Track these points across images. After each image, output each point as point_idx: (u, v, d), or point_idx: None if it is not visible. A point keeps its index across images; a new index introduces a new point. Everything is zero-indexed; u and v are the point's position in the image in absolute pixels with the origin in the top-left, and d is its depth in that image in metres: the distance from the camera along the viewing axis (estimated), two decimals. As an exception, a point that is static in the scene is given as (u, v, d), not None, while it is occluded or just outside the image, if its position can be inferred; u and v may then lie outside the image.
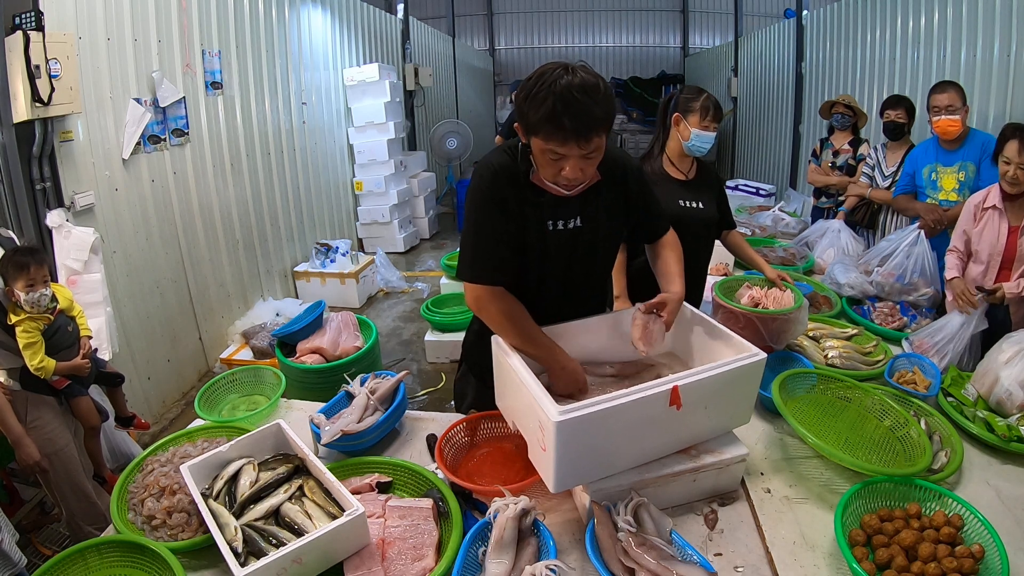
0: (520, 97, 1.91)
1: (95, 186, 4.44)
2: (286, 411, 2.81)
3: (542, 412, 1.74)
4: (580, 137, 1.84)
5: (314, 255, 7.76)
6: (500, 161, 2.13)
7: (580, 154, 1.89)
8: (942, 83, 3.89)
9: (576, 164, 1.91)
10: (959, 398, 2.60)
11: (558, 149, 1.88)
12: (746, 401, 2.12)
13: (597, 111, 1.83)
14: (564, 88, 1.80)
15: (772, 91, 11.15)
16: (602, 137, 1.90)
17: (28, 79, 3.64)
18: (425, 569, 1.79)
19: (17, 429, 3.00)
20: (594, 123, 1.84)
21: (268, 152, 7.02)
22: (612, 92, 1.92)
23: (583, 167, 1.94)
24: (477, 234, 2.16)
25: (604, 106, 1.85)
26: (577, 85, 1.80)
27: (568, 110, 1.80)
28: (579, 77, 1.82)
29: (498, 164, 2.13)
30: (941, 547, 1.75)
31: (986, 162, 3.75)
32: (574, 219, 2.19)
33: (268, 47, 6.97)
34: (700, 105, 3.14)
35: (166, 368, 5.29)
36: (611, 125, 1.93)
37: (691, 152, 3.21)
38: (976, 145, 3.83)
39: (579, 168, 1.93)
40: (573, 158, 1.90)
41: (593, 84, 1.83)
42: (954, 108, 3.75)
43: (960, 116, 3.77)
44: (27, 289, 3.03)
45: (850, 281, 3.83)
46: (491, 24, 19.85)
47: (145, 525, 2.01)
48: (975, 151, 3.82)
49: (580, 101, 1.80)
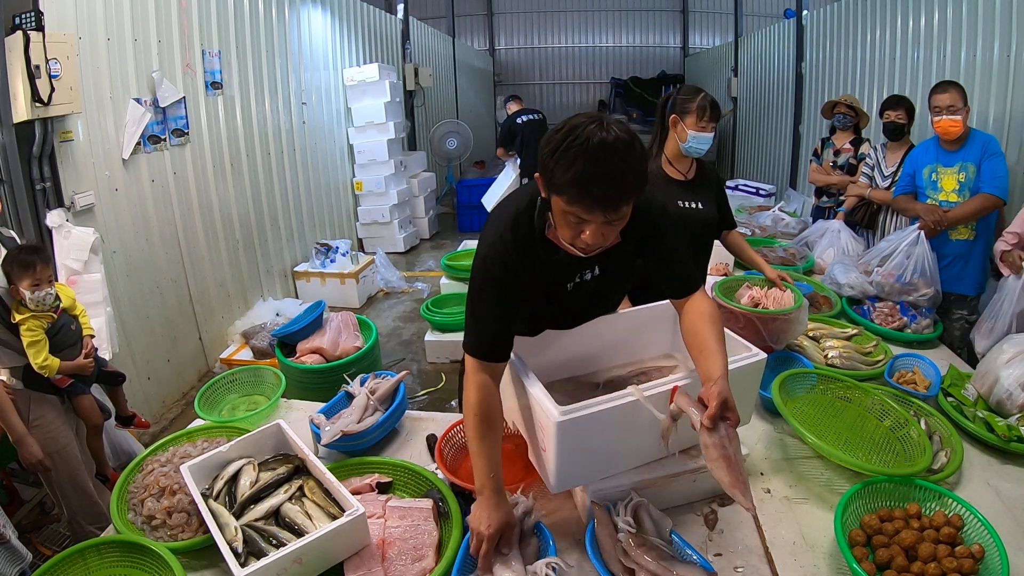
0: (546, 151, 1.71)
1: (95, 186, 4.44)
2: (286, 411, 2.82)
3: (542, 412, 1.74)
4: (608, 206, 1.67)
5: (314, 255, 7.76)
6: (517, 234, 1.95)
7: (606, 221, 1.71)
8: (943, 83, 3.87)
9: (598, 230, 1.73)
10: (959, 398, 2.60)
11: (582, 215, 1.70)
12: (746, 401, 2.11)
13: (631, 176, 1.67)
14: (596, 148, 1.62)
15: (772, 91, 11.14)
16: (631, 204, 1.73)
17: (28, 79, 3.63)
18: (425, 569, 1.79)
19: (20, 428, 2.99)
20: (626, 190, 1.68)
21: (268, 152, 7.02)
22: (645, 150, 1.73)
23: (605, 232, 1.75)
24: (482, 305, 1.99)
25: (637, 171, 1.69)
26: (610, 145, 1.63)
27: (598, 176, 1.63)
28: (613, 135, 1.64)
29: (515, 238, 1.94)
30: (941, 547, 1.75)
31: (986, 162, 3.74)
32: (591, 270, 2.09)
33: (268, 47, 6.97)
34: (696, 106, 3.10)
35: (166, 368, 5.28)
36: (644, 187, 1.73)
37: (689, 153, 3.19)
38: (976, 145, 3.81)
39: (601, 233, 1.74)
40: (596, 224, 1.72)
41: (627, 143, 1.65)
42: (956, 108, 3.73)
43: (962, 116, 3.75)
44: (32, 288, 3.03)
45: (850, 281, 3.83)
46: (491, 24, 19.84)
47: (145, 525, 2.01)
48: (975, 151, 3.80)
49: (612, 166, 1.63)
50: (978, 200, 3.76)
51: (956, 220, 3.83)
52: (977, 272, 3.96)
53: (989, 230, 3.94)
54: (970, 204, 3.79)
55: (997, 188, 3.70)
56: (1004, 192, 3.72)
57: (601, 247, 1.82)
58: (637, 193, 1.70)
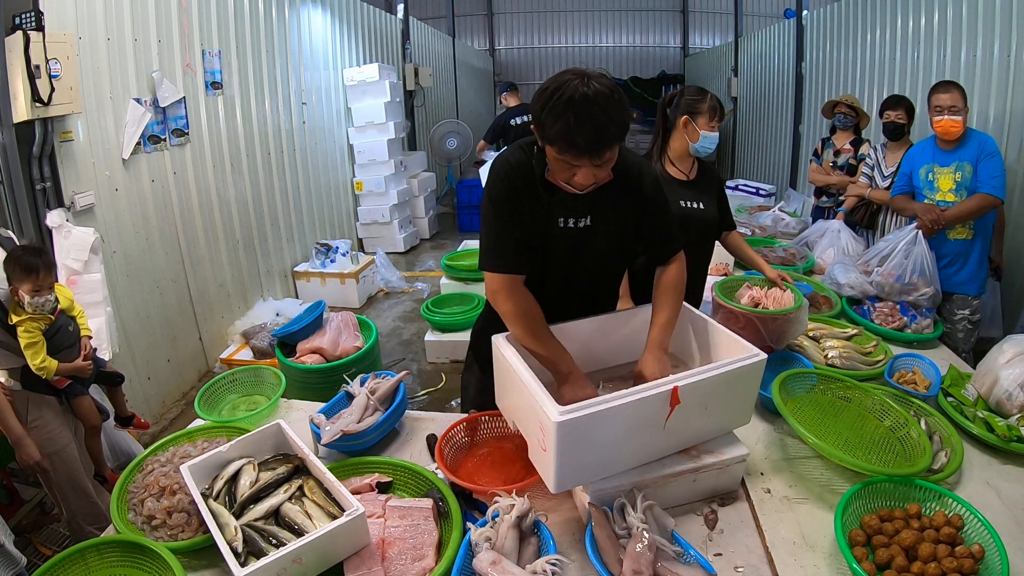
0: (538, 106, 1.93)
1: (95, 186, 4.44)
2: (286, 411, 2.82)
3: (542, 412, 1.74)
4: (593, 153, 1.89)
5: (314, 255, 7.76)
6: (516, 159, 2.18)
7: (596, 164, 1.94)
8: (945, 83, 3.86)
9: (588, 172, 1.97)
10: (959, 398, 2.60)
11: (572, 161, 1.94)
12: (746, 401, 2.12)
13: (611, 127, 1.87)
14: (580, 102, 1.83)
15: (772, 91, 11.15)
16: (615, 149, 1.95)
17: (28, 79, 3.63)
18: (425, 569, 1.79)
19: (18, 429, 2.99)
20: (607, 139, 1.89)
21: (268, 152, 7.02)
22: (626, 99, 1.93)
23: (595, 174, 1.99)
24: (496, 223, 2.19)
25: (618, 119, 1.89)
26: (592, 98, 1.83)
27: (582, 127, 1.85)
28: (594, 88, 1.85)
29: (514, 161, 2.18)
30: (941, 547, 1.75)
31: (983, 162, 3.74)
32: (584, 218, 2.23)
33: (268, 47, 6.97)
34: (708, 106, 3.15)
35: (166, 368, 5.28)
36: (625, 134, 1.95)
37: (698, 153, 3.22)
38: (974, 145, 3.80)
39: (591, 176, 1.99)
40: (585, 167, 1.95)
41: (607, 96, 1.86)
42: (957, 109, 3.72)
43: (962, 117, 3.75)
44: (33, 293, 3.02)
45: (850, 281, 3.83)
46: (491, 24, 19.87)
47: (145, 525, 2.01)
48: (972, 151, 3.80)
49: (594, 117, 1.84)
50: (976, 200, 3.76)
51: (953, 219, 3.83)
52: (975, 272, 3.95)
53: (987, 229, 3.94)
54: (967, 203, 3.79)
55: (994, 187, 3.70)
56: (1001, 191, 3.72)
57: (596, 184, 2.05)
58: (618, 140, 1.93)
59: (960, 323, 3.94)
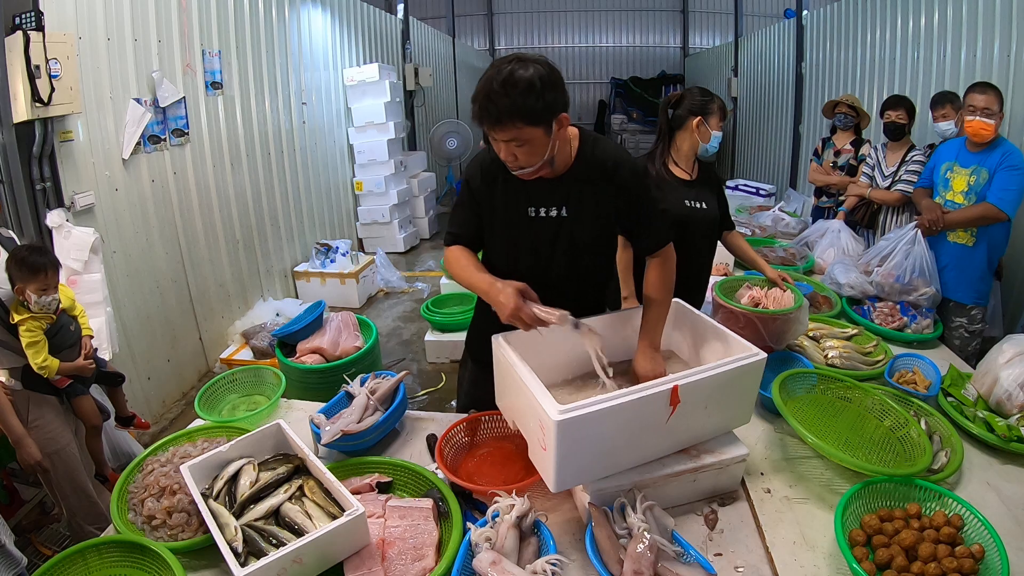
0: None
1: (95, 186, 4.44)
2: (286, 411, 2.82)
3: (542, 411, 1.74)
4: (486, 122, 1.97)
5: (314, 255, 7.76)
6: (488, 155, 2.27)
7: (500, 138, 2.01)
8: (982, 84, 3.79)
9: (504, 148, 2.04)
10: (959, 398, 2.60)
11: (485, 129, 2.03)
12: (746, 401, 2.12)
13: (503, 103, 1.91)
14: (488, 79, 1.94)
15: (772, 91, 11.15)
16: (520, 128, 1.96)
17: (28, 79, 3.63)
18: (425, 569, 1.79)
19: (18, 429, 2.99)
20: (499, 114, 1.93)
21: (268, 152, 7.02)
22: (541, 87, 1.95)
23: (513, 152, 2.04)
24: (452, 209, 2.48)
25: (521, 98, 1.91)
26: (502, 77, 1.91)
27: (480, 98, 1.95)
28: (507, 71, 1.92)
29: (487, 156, 2.29)
30: (941, 547, 1.75)
31: (1000, 172, 3.65)
32: (558, 208, 2.27)
33: (268, 47, 6.97)
34: (717, 107, 3.21)
35: (166, 368, 5.28)
36: (535, 119, 1.96)
37: (707, 152, 3.26)
38: (998, 153, 3.71)
39: (508, 152, 2.05)
40: (501, 143, 2.03)
41: (518, 78, 1.91)
42: (991, 112, 3.64)
43: (995, 121, 3.67)
44: (40, 292, 3.02)
45: (850, 281, 3.83)
46: (491, 24, 19.88)
47: (145, 525, 2.01)
48: (995, 159, 3.70)
49: (494, 92, 1.91)
50: (979, 208, 3.70)
51: (953, 223, 3.80)
52: (974, 281, 3.88)
53: (993, 241, 3.84)
54: (970, 210, 3.75)
55: (1001, 200, 3.62)
56: (1009, 206, 3.62)
57: (525, 167, 2.08)
58: (518, 116, 1.93)
59: (957, 330, 3.90)
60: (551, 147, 2.06)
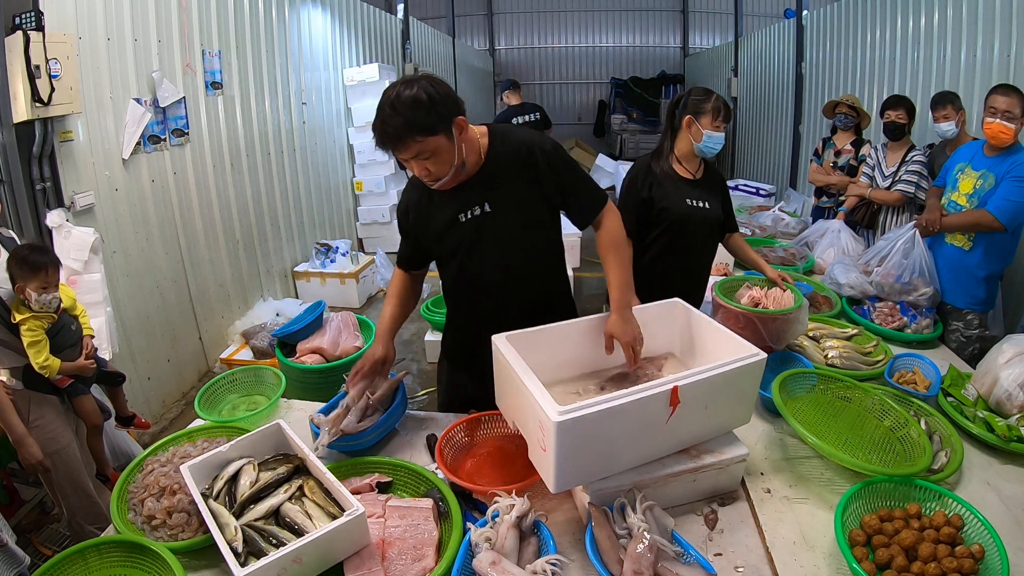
0: None
1: (95, 186, 4.44)
2: (286, 411, 2.82)
3: (542, 412, 1.74)
4: (389, 145, 2.06)
5: (314, 255, 7.76)
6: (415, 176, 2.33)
7: (407, 157, 2.10)
8: (1006, 86, 3.68)
9: (416, 166, 2.15)
10: (959, 398, 2.60)
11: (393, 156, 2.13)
12: (746, 401, 2.12)
13: (398, 122, 2.00)
14: (380, 107, 2.05)
15: (772, 91, 11.16)
16: (423, 141, 2.05)
17: (28, 79, 3.64)
18: (425, 569, 1.79)
19: (19, 428, 2.99)
20: (396, 132, 2.02)
21: (268, 152, 7.02)
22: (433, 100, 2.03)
23: (424, 166, 2.14)
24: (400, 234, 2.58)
25: (411, 115, 2.00)
26: (390, 102, 2.02)
27: (377, 125, 2.05)
28: (394, 94, 2.03)
29: (412, 177, 2.38)
30: (941, 547, 1.75)
31: (1006, 181, 3.56)
32: (481, 205, 2.34)
33: (268, 47, 6.97)
34: (711, 107, 3.19)
35: (166, 368, 5.29)
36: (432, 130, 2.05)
37: (702, 153, 3.25)
38: (1010, 161, 3.62)
39: (419, 168, 2.15)
40: (411, 161, 2.12)
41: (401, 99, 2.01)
42: (1012, 116, 3.54)
43: (1016, 126, 3.56)
44: (41, 291, 3.03)
45: (850, 281, 3.83)
46: (491, 24, 19.89)
47: (145, 525, 2.01)
48: (1005, 166, 3.61)
49: (387, 115, 2.02)
50: (976, 214, 3.65)
51: (949, 227, 3.78)
52: (969, 286, 3.81)
53: (994, 251, 3.74)
54: (967, 215, 3.71)
55: (999, 209, 3.54)
56: (1006, 216, 3.53)
57: (436, 178, 2.19)
58: (409, 132, 2.02)
59: (953, 333, 3.83)
60: (458, 152, 2.14)
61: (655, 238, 3.22)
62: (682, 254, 3.25)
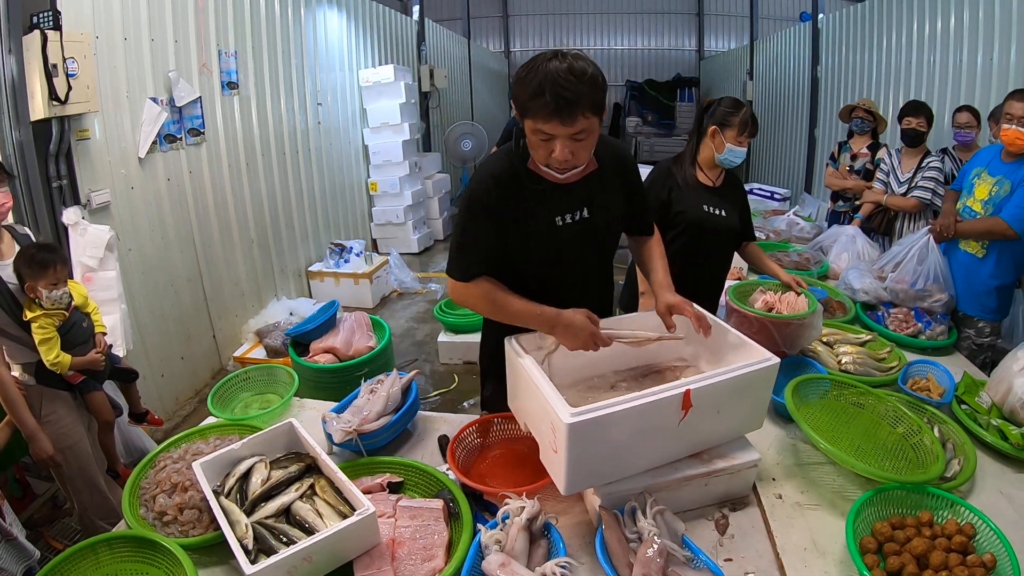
0: (514, 81, 1.98)
1: (111, 184, 4.47)
2: (299, 410, 2.83)
3: (554, 414, 1.74)
4: (563, 114, 1.86)
5: (328, 255, 7.79)
6: (498, 167, 2.17)
7: (566, 134, 1.91)
8: (1022, 91, 3.54)
9: (564, 145, 1.94)
10: (973, 406, 2.58)
11: (544, 128, 1.91)
12: (759, 406, 2.11)
13: (581, 90, 1.85)
14: (552, 69, 1.84)
15: (787, 95, 11.13)
16: (589, 119, 1.91)
17: (45, 78, 3.67)
18: (435, 569, 1.80)
19: (31, 423, 3.01)
20: (577, 102, 1.85)
21: (283, 152, 7.05)
22: (601, 79, 1.94)
23: (572, 149, 1.96)
24: (462, 235, 2.19)
25: (590, 88, 1.87)
26: (564, 68, 1.84)
27: (552, 89, 1.83)
28: (567, 62, 1.86)
29: (498, 171, 2.17)
30: (953, 556, 1.74)
31: (1021, 189, 3.47)
32: (580, 210, 2.22)
33: (284, 48, 7.01)
34: (739, 120, 3.16)
35: (180, 366, 5.32)
36: (599, 110, 1.94)
37: (722, 164, 3.26)
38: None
39: (568, 150, 1.95)
40: (561, 139, 1.93)
41: (580, 68, 1.86)
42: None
43: None
44: (51, 287, 3.04)
45: (864, 287, 3.80)
46: (506, 26, 19.89)
47: (156, 521, 2.02)
48: (1021, 172, 3.52)
49: (565, 80, 1.83)
50: (989, 221, 3.58)
51: (962, 233, 3.71)
52: (979, 294, 3.72)
53: (1005, 258, 3.66)
54: (981, 222, 3.63)
55: (1013, 217, 3.46)
56: (1020, 224, 3.45)
57: (573, 165, 2.04)
58: (590, 108, 1.89)
59: (965, 341, 3.76)
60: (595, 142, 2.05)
61: (670, 241, 3.20)
62: (696, 259, 3.24)
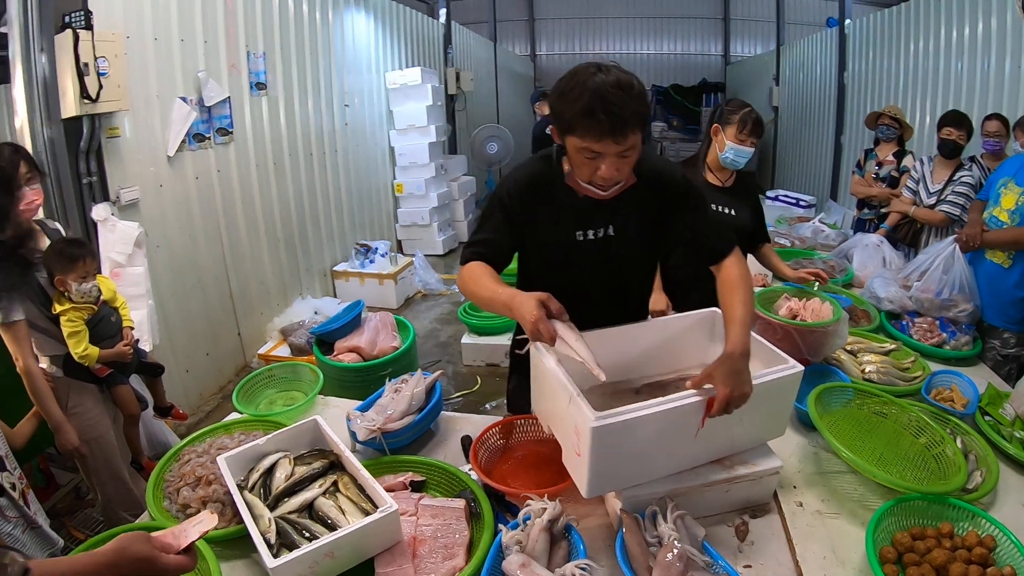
0: (554, 97, 1.91)
1: (140, 182, 4.54)
2: (323, 408, 2.85)
3: (579, 417, 1.74)
4: (616, 133, 1.80)
5: (353, 255, 7.84)
6: (532, 171, 2.16)
7: (616, 151, 1.85)
8: None
9: (612, 163, 1.87)
10: (996, 417, 2.56)
11: (594, 146, 1.84)
12: (781, 413, 2.10)
13: (632, 106, 1.80)
14: (599, 85, 1.78)
15: (814, 101, 11.07)
16: (637, 135, 1.85)
17: (77, 76, 3.73)
18: (455, 568, 1.81)
19: (58, 415, 3.05)
20: (629, 119, 1.80)
21: (311, 153, 7.11)
22: (646, 91, 1.89)
23: (619, 166, 1.89)
24: (479, 225, 2.21)
25: (638, 103, 1.82)
26: (612, 82, 1.78)
27: (603, 106, 1.77)
28: (613, 75, 1.81)
29: (530, 174, 2.15)
30: (973, 568, 1.73)
31: None
32: (604, 228, 2.19)
33: (312, 49, 7.06)
34: (738, 118, 3.18)
35: (205, 362, 5.37)
36: (645, 123, 1.88)
37: (724, 163, 3.26)
38: None
39: (615, 167, 1.88)
40: (609, 156, 1.86)
41: (627, 82, 1.81)
42: None
43: None
44: (80, 280, 3.09)
45: (889, 295, 3.76)
46: (533, 30, 19.88)
47: (180, 513, 2.05)
48: None
49: (615, 96, 1.77)
50: (1017, 231, 3.53)
51: (989, 244, 3.65)
52: (1006, 304, 3.66)
53: None
54: (1008, 232, 3.58)
55: None
56: None
57: (618, 181, 1.95)
58: (640, 122, 1.84)
59: (990, 351, 3.69)
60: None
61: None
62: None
